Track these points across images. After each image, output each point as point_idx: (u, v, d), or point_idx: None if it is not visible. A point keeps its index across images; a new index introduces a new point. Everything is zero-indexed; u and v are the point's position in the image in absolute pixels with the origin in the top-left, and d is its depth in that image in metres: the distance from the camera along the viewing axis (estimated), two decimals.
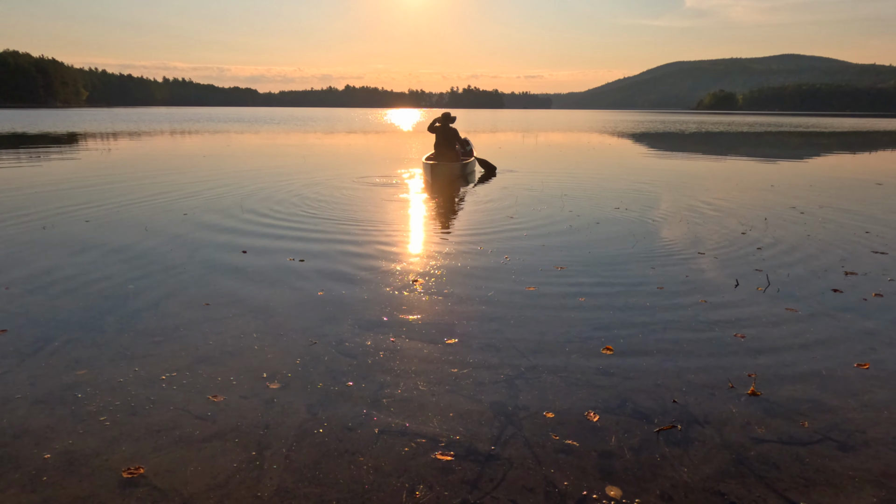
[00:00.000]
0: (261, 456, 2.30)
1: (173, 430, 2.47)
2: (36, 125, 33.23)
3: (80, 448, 2.34)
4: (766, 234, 6.35)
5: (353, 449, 2.36)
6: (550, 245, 5.80)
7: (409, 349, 3.32)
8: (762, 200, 8.76)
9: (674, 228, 6.69)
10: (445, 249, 5.57)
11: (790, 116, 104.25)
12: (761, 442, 2.44)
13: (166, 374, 2.96)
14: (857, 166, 14.69)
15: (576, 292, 4.35)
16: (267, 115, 74.62)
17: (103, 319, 3.70)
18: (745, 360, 3.23)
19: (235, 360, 3.15)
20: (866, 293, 4.40)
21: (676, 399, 2.78)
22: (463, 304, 4.07)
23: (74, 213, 7.19)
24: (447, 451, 2.35)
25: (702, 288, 4.48)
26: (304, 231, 6.32)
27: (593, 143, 23.03)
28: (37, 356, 3.16)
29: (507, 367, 3.11)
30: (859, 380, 3.02)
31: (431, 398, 2.77)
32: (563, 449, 2.38)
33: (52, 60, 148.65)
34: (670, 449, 2.39)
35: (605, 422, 2.59)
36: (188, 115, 63.90)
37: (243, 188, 9.46)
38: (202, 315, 3.80)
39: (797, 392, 2.87)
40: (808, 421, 2.61)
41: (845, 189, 10.13)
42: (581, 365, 3.13)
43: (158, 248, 5.53)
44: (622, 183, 10.70)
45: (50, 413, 2.60)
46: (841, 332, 3.64)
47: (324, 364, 3.11)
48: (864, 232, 6.56)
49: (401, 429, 2.51)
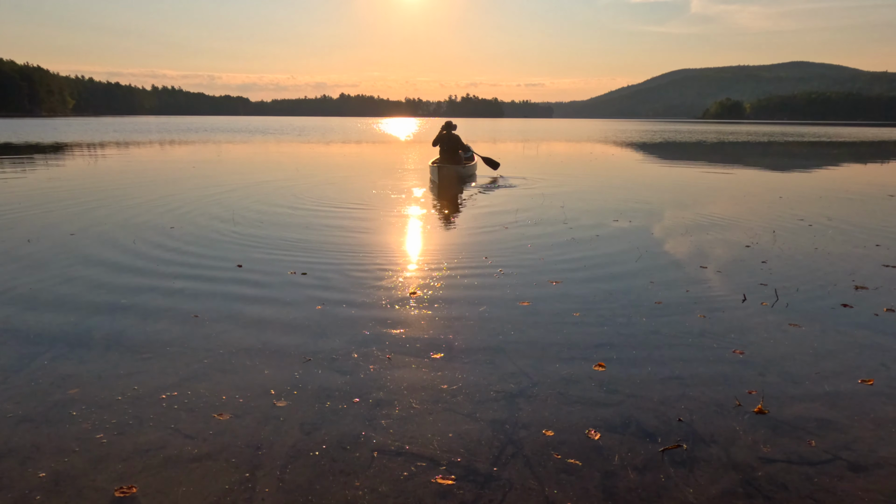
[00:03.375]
0: (253, 476, 2.32)
1: (162, 449, 2.48)
2: (21, 135, 33.32)
3: (66, 468, 2.35)
4: (773, 247, 6.39)
5: (348, 469, 2.38)
6: (549, 258, 5.83)
7: (404, 366, 3.34)
8: (769, 212, 8.83)
9: (677, 241, 6.73)
10: (444, 262, 5.60)
11: (799, 125, 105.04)
12: (769, 462, 2.46)
13: (155, 392, 2.98)
14: (869, 177, 14.81)
15: (573, 307, 4.37)
16: (260, 125, 74.91)
17: (90, 335, 3.71)
18: (753, 377, 3.25)
19: (227, 377, 3.16)
20: (877, 308, 4.43)
21: (682, 417, 2.80)
22: (461, 319, 4.09)
23: (60, 225, 7.22)
24: (446, 474, 2.36)
25: (703, 302, 4.51)
26: (300, 243, 6.35)
27: (596, 154, 23.17)
28: (21, 373, 3.18)
29: (505, 383, 3.13)
30: (870, 397, 3.04)
31: (428, 417, 2.79)
32: (564, 469, 2.40)
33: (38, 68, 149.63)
34: (675, 469, 2.40)
35: (607, 440, 2.61)
36: (177, 126, 64.17)
37: (234, 200, 9.50)
38: (192, 331, 3.82)
39: (806, 410, 2.89)
40: (818, 440, 2.63)
41: (855, 201, 10.21)
42: (580, 381, 3.15)
43: (147, 261, 5.55)
44: (625, 194, 10.77)
45: (35, 432, 2.61)
46: (851, 349, 3.67)
47: (318, 381, 3.13)
48: (875, 245, 6.61)
49: (398, 449, 2.52)
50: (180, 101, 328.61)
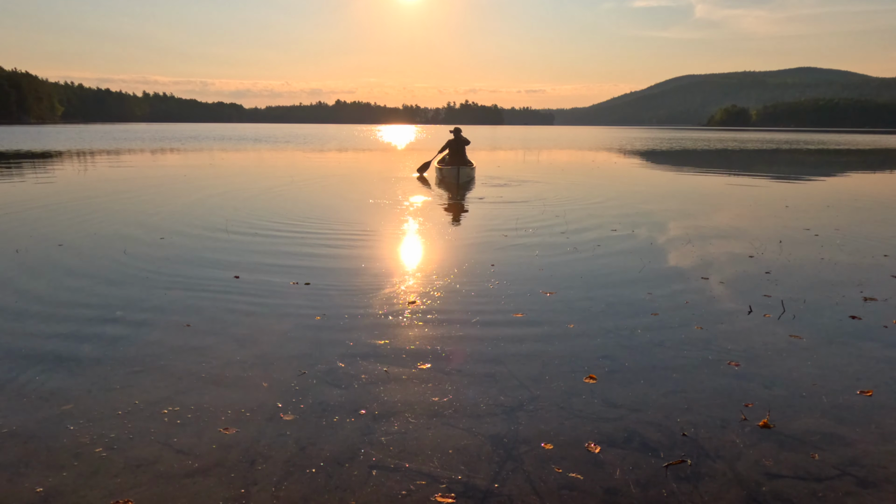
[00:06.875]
0: (248, 493, 2.33)
1: (154, 464, 2.50)
2: (9, 143, 33.39)
3: (58, 483, 2.36)
4: (778, 258, 6.43)
5: (344, 486, 2.39)
6: (549, 268, 5.85)
7: (401, 378, 3.36)
8: (775, 222, 8.87)
9: (679, 251, 6.76)
10: (443, 271, 5.63)
11: (806, 133, 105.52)
12: (775, 477, 2.48)
13: (146, 406, 2.99)
14: (877, 186, 14.88)
15: (573, 318, 4.40)
16: (253, 132, 75.12)
17: (80, 348, 3.73)
18: (758, 390, 3.27)
19: (220, 390, 3.18)
20: (886, 320, 4.45)
21: (686, 432, 2.81)
22: (459, 330, 4.11)
23: (49, 235, 7.25)
24: (446, 491, 2.37)
25: (706, 314, 4.54)
26: (296, 252, 6.37)
27: (598, 162, 23.28)
28: (9, 387, 3.19)
29: (504, 396, 3.15)
30: (878, 411, 3.06)
31: (427, 431, 2.80)
32: (566, 484, 2.41)
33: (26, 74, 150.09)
34: (679, 484, 2.42)
35: (609, 454, 2.62)
36: (169, 133, 64.33)
37: (229, 209, 9.53)
38: (184, 343, 3.83)
39: (812, 424, 2.91)
40: (825, 455, 2.65)
41: (864, 210, 10.26)
42: (581, 394, 3.17)
43: (139, 272, 5.57)
44: (626, 202, 10.81)
45: (24, 447, 2.62)
46: (859, 362, 3.69)
47: (314, 394, 3.14)
48: (883, 255, 6.65)
49: (395, 465, 2.54)
50: (172, 108, 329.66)
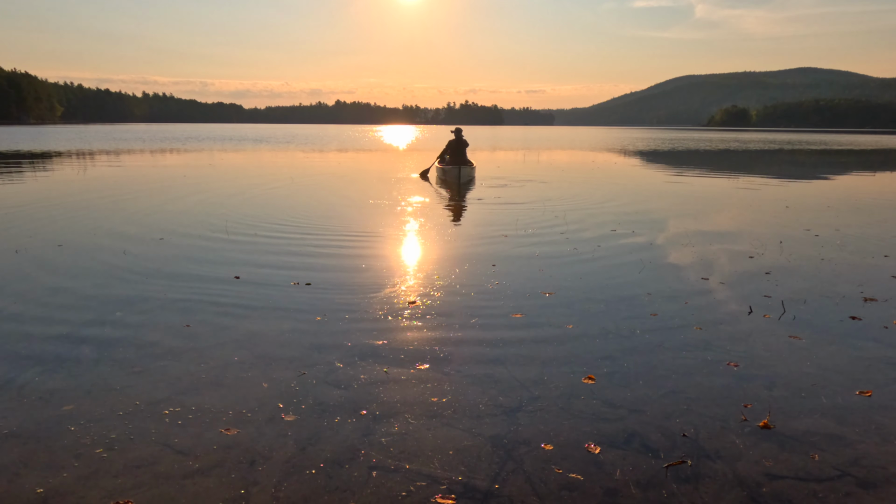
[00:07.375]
0: (248, 493, 2.34)
1: (154, 465, 2.50)
2: (9, 143, 33.40)
3: (56, 485, 2.37)
4: (778, 258, 6.43)
5: (344, 486, 2.40)
6: (549, 268, 5.86)
7: (401, 379, 3.36)
8: (775, 222, 8.88)
9: (679, 251, 6.77)
10: (443, 271, 5.63)
11: (807, 133, 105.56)
12: (775, 478, 2.48)
13: (146, 407, 2.99)
14: (878, 186, 14.89)
15: (573, 319, 4.41)
16: (253, 133, 75.15)
17: (79, 349, 3.73)
18: (759, 391, 3.27)
19: (220, 391, 3.18)
20: (887, 321, 4.46)
21: (686, 433, 2.82)
22: (459, 331, 4.12)
23: (48, 236, 7.25)
24: (446, 492, 2.38)
25: (706, 315, 4.55)
26: (296, 252, 6.38)
27: (598, 162, 23.29)
28: (8, 388, 3.20)
29: (504, 397, 3.15)
30: (878, 412, 3.07)
31: (427, 432, 2.81)
32: (566, 484, 2.42)
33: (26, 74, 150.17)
34: (679, 485, 2.42)
35: (609, 455, 2.63)
36: (169, 134, 64.36)
37: (229, 209, 9.54)
38: (184, 343, 3.84)
39: (813, 425, 2.92)
40: (825, 455, 2.65)
41: (864, 211, 10.27)
42: (581, 394, 3.18)
43: (138, 272, 5.58)
44: (626, 203, 10.83)
45: (23, 448, 2.63)
46: (859, 362, 3.69)
47: (314, 395, 3.15)
48: (884, 256, 6.66)
49: (395, 465, 2.54)
50: (172, 109, 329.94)
